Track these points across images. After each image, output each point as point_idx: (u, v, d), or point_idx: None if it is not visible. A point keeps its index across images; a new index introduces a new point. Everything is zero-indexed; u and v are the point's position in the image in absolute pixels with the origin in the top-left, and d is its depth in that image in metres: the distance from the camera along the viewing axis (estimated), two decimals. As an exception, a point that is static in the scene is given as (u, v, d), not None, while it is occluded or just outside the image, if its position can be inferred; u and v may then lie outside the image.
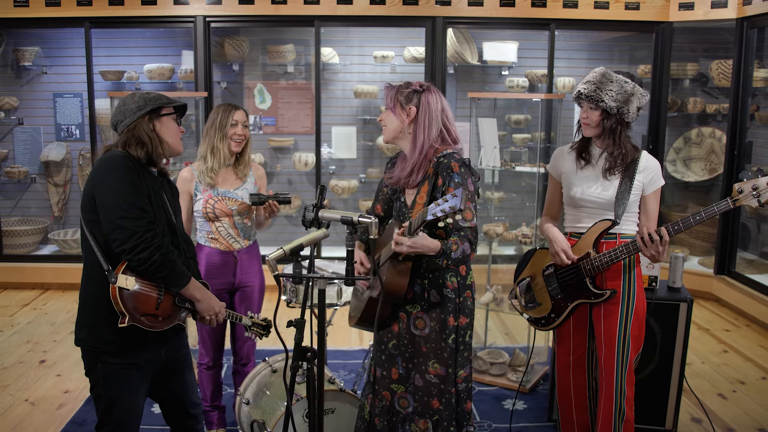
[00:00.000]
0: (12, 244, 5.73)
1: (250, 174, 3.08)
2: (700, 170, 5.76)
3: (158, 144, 2.19)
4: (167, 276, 2.11)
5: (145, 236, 2.03)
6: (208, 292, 2.27)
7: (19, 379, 3.80)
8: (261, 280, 3.14)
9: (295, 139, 5.96)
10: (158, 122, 2.21)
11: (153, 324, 2.14)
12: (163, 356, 2.29)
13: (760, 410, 3.51)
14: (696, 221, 2.29)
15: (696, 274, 5.47)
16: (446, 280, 2.35)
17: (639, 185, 2.48)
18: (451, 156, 2.32)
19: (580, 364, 2.70)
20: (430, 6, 5.31)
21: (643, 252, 2.35)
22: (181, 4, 5.26)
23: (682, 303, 3.05)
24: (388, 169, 2.53)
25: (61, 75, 5.83)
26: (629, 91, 2.40)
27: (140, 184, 2.10)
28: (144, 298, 2.13)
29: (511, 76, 5.77)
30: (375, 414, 2.47)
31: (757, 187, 2.21)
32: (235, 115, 2.94)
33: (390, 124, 2.38)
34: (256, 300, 3.13)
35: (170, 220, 2.25)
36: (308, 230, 2.09)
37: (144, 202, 2.08)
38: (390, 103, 2.37)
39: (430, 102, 2.35)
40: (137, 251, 2.03)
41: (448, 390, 2.36)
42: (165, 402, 2.42)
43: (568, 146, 2.63)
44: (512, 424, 3.28)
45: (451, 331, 2.35)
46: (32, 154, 5.90)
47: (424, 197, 2.31)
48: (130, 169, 2.09)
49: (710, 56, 5.65)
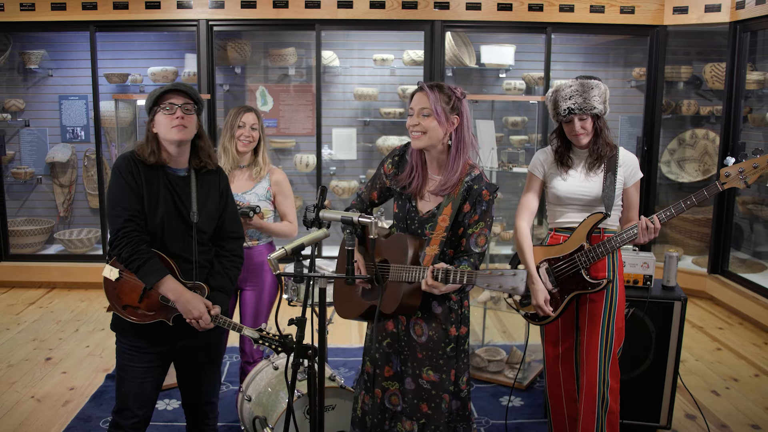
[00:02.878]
0: (18, 244, 5.77)
1: (266, 178, 3.08)
2: (694, 171, 5.80)
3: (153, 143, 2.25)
4: (136, 272, 2.19)
5: (118, 234, 2.18)
6: (187, 293, 2.21)
7: (26, 376, 3.83)
8: (272, 280, 3.13)
9: (297, 141, 6.01)
10: (154, 122, 2.26)
11: (133, 316, 2.25)
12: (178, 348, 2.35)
13: (752, 407, 3.54)
14: (687, 206, 2.37)
15: (690, 273, 5.50)
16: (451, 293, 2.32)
17: (621, 179, 2.57)
18: (481, 180, 2.23)
19: (569, 357, 2.74)
20: (429, 10, 5.35)
21: (639, 239, 2.44)
22: (184, 8, 5.31)
23: (676, 302, 3.07)
24: (395, 164, 2.37)
25: (66, 78, 5.88)
26: (603, 90, 2.51)
27: (134, 182, 2.21)
28: (127, 290, 2.26)
29: (509, 79, 5.82)
30: (366, 411, 2.46)
31: (743, 170, 2.31)
32: (244, 117, 3.00)
33: (433, 132, 2.17)
34: (267, 297, 3.13)
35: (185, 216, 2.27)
36: (309, 230, 2.09)
37: (129, 201, 2.19)
38: (436, 109, 2.15)
39: (468, 112, 2.23)
40: (113, 246, 2.21)
41: (439, 395, 2.33)
42: (182, 392, 2.51)
43: (550, 147, 2.69)
44: (509, 420, 3.31)
45: (452, 340, 2.33)
46: (38, 156, 5.95)
47: (446, 221, 2.21)
48: (122, 169, 2.22)
49: (704, 59, 5.69)
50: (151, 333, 2.29)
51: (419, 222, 2.30)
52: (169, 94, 2.22)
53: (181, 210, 2.28)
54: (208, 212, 2.34)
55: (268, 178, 3.10)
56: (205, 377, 2.47)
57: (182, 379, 2.49)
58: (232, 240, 2.44)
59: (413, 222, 2.31)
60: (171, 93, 2.23)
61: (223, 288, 2.37)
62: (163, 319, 2.27)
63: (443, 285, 2.08)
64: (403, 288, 2.19)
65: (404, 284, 2.19)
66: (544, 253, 2.65)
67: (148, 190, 2.23)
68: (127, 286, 2.26)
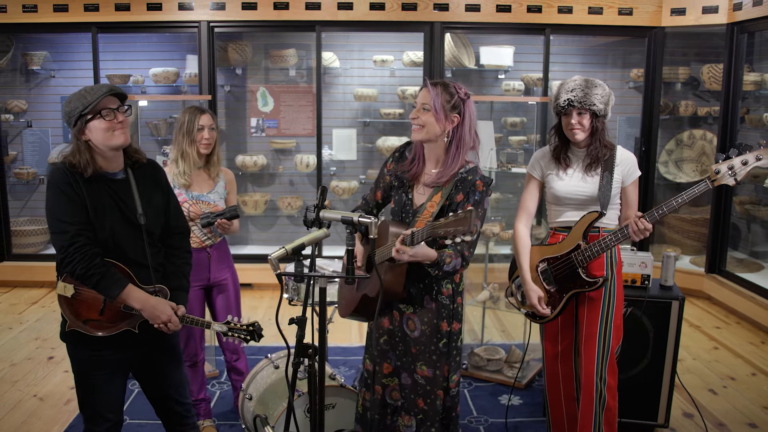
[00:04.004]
0: (21, 244, 5.79)
1: (221, 178, 3.14)
2: (691, 171, 5.82)
3: (86, 153, 2.12)
4: (95, 287, 2.11)
5: (68, 250, 2.07)
6: (151, 300, 2.18)
7: (28, 374, 3.86)
8: (234, 274, 3.21)
9: (297, 141, 6.03)
10: (86, 130, 2.11)
11: (98, 329, 2.17)
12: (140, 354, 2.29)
13: (749, 405, 3.55)
14: (679, 203, 2.39)
15: (687, 272, 5.52)
16: (441, 287, 2.36)
17: (618, 178, 2.59)
18: (476, 173, 2.29)
19: (568, 356, 2.76)
20: (429, 11, 5.38)
21: (632, 237, 2.46)
22: (185, 9, 5.34)
23: (674, 301, 3.08)
24: (396, 159, 2.45)
25: (68, 79, 5.89)
26: (608, 92, 2.54)
27: (75, 194, 2.09)
28: (85, 304, 2.18)
29: (508, 80, 5.83)
30: (367, 408, 2.49)
31: (733, 167, 2.33)
32: (201, 119, 2.99)
33: (431, 127, 2.26)
34: (233, 293, 3.18)
35: (132, 220, 2.20)
36: (309, 230, 2.10)
37: (74, 215, 2.08)
38: (436, 107, 2.23)
39: (472, 112, 2.28)
40: (64, 264, 2.10)
41: (433, 392, 2.36)
42: (151, 397, 2.44)
43: (549, 148, 2.72)
44: (508, 419, 3.33)
45: (444, 335, 2.36)
46: (40, 156, 5.97)
47: (434, 207, 2.27)
48: (59, 182, 2.09)
49: (701, 60, 5.70)
50: (114, 342, 2.21)
51: (413, 214, 2.35)
52: (104, 99, 2.10)
53: (127, 215, 2.19)
54: (153, 211, 2.27)
55: (222, 176, 3.16)
56: (173, 378, 2.40)
57: (150, 386, 2.41)
58: (179, 235, 2.38)
59: (408, 215, 2.37)
60: (106, 98, 2.10)
61: (181, 287, 2.33)
62: (129, 327, 2.21)
63: (410, 248, 2.13)
64: (384, 267, 2.26)
65: (385, 264, 2.26)
66: (543, 252, 2.67)
67: (91, 201, 2.12)
68: (85, 301, 2.18)
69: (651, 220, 2.41)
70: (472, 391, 3.69)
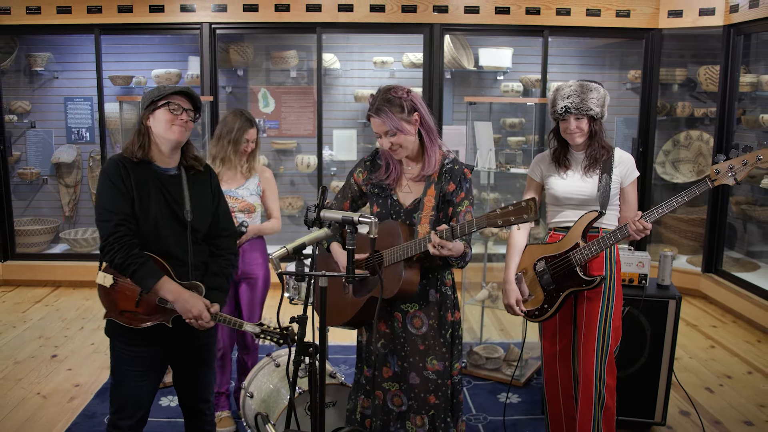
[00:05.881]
0: (25, 243, 5.82)
1: (255, 175, 3.19)
2: (688, 172, 5.83)
3: (144, 137, 2.21)
4: (131, 276, 2.15)
5: (108, 239, 2.13)
6: (185, 293, 2.19)
7: (32, 373, 3.88)
8: (266, 272, 3.23)
9: (298, 142, 6.06)
10: (151, 116, 2.21)
11: (133, 321, 2.21)
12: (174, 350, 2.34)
13: (745, 403, 3.57)
14: (679, 203, 2.40)
15: (684, 272, 5.54)
16: (445, 278, 2.41)
17: (617, 179, 2.62)
18: (458, 162, 2.35)
19: (566, 355, 2.78)
20: (428, 13, 5.40)
21: (632, 237, 2.48)
22: (187, 11, 5.36)
23: (670, 300, 3.09)
24: (368, 169, 2.45)
25: (72, 80, 5.93)
26: (603, 94, 2.57)
27: (123, 185, 2.16)
28: (122, 295, 2.22)
29: (506, 81, 5.86)
30: (366, 415, 2.47)
31: (733, 167, 2.35)
32: (249, 133, 3.09)
33: (407, 143, 2.29)
34: (260, 291, 3.22)
35: (178, 216, 2.24)
36: (310, 230, 2.11)
37: (119, 205, 2.14)
38: (398, 127, 2.24)
39: (420, 100, 2.31)
40: (104, 252, 2.16)
41: (444, 383, 2.38)
42: (179, 392, 2.50)
43: (549, 152, 2.75)
44: (506, 417, 3.34)
45: (449, 326, 2.40)
46: (44, 156, 6.00)
47: (432, 200, 2.30)
48: (110, 173, 2.18)
49: (698, 62, 5.73)
50: (147, 336, 2.25)
51: (405, 214, 2.38)
52: (178, 96, 2.21)
53: (174, 209, 2.23)
54: (201, 210, 2.29)
55: (257, 174, 3.21)
56: (199, 377, 2.45)
57: (178, 380, 2.47)
58: (226, 237, 2.40)
59: (399, 216, 2.40)
60: (181, 95, 2.21)
61: (220, 287, 2.34)
62: (162, 321, 2.23)
63: (450, 243, 2.12)
64: (402, 266, 2.25)
65: (402, 263, 2.25)
66: (542, 251, 2.69)
67: (138, 190, 2.17)
68: (123, 292, 2.22)
69: (651, 219, 2.42)
70: (471, 389, 3.72)
